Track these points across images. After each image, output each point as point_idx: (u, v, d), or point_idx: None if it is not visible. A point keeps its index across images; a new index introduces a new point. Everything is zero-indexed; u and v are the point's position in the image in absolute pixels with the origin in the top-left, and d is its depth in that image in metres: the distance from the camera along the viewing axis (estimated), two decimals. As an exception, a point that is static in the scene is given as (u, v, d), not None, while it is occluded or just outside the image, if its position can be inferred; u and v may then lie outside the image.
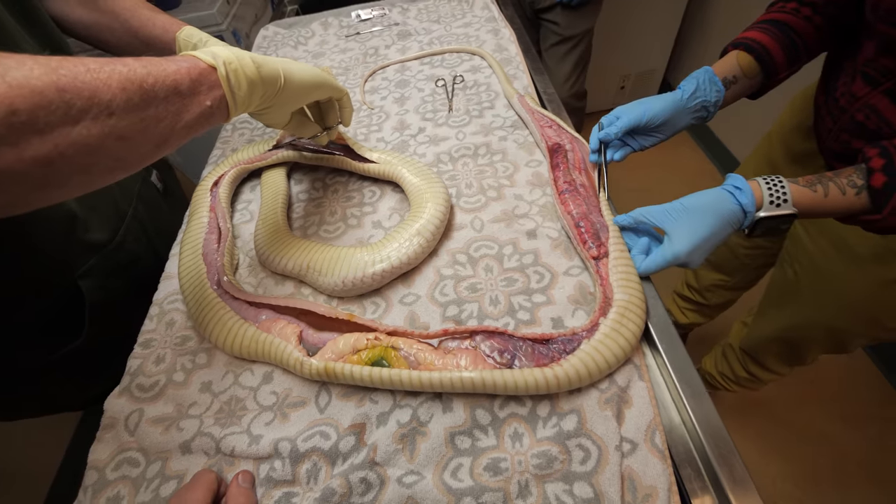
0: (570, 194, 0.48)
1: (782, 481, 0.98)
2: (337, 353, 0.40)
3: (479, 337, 0.39)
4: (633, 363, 0.37)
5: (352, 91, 0.74)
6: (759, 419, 1.07)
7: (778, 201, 0.37)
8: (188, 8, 1.26)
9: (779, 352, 0.71)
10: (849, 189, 0.37)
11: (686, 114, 0.50)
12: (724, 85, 0.50)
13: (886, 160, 0.36)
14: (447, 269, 0.47)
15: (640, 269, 0.40)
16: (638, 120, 0.48)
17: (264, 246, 0.50)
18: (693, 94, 0.49)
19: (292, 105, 0.43)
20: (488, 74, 0.71)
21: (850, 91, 0.45)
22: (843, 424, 1.03)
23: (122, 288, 0.56)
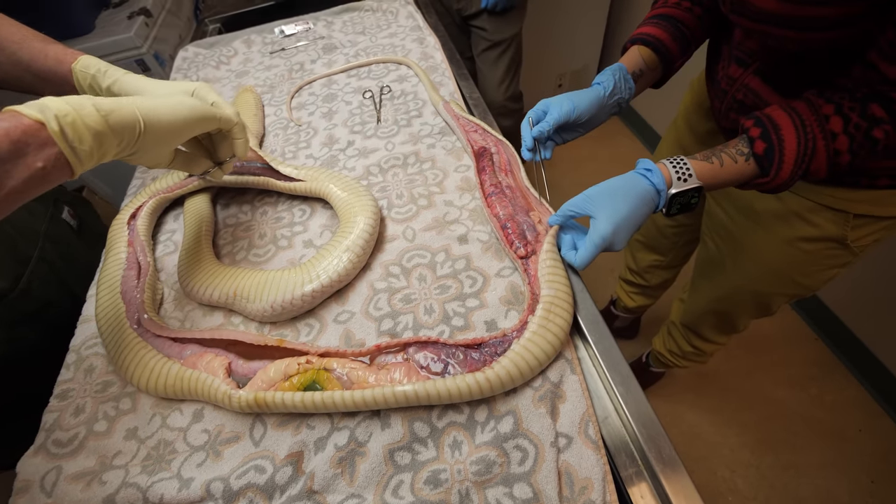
0: (496, 197, 0.48)
1: (739, 449, 1.03)
2: (268, 382, 0.38)
3: (411, 349, 0.38)
4: (565, 357, 0.38)
5: (278, 108, 0.73)
6: (713, 393, 1.12)
7: (684, 176, 0.40)
8: (103, 33, 1.19)
9: (714, 323, 0.75)
10: (738, 157, 0.40)
11: (606, 110, 0.53)
12: (633, 79, 0.53)
13: (762, 129, 0.39)
14: (380, 282, 0.47)
15: (576, 263, 0.40)
16: (568, 115, 0.50)
17: (187, 277, 0.48)
18: (612, 92, 0.51)
19: (166, 146, 0.39)
20: (415, 83, 0.71)
21: (727, 74, 0.49)
22: (787, 388, 1.11)
23: (33, 337, 0.52)
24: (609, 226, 0.39)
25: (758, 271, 0.60)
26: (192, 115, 0.40)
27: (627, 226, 0.39)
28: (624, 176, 0.42)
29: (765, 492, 1.00)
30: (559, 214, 0.43)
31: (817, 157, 0.37)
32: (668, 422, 1.10)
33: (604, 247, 0.39)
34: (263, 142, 0.68)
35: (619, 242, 0.39)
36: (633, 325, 1.23)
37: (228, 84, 0.81)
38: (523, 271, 0.42)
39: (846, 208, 0.47)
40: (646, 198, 0.40)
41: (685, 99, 0.67)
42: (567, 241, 0.42)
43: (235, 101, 0.72)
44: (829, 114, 0.37)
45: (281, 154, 0.65)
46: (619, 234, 0.39)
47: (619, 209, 0.39)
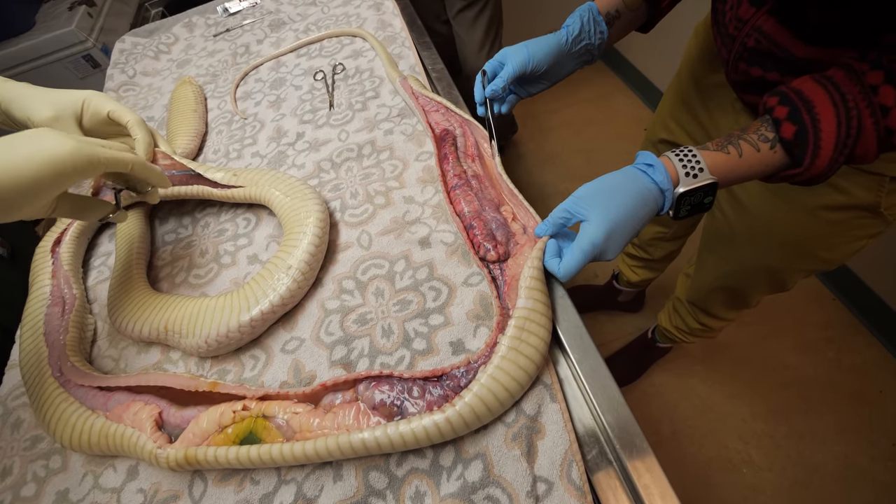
0: (460, 190, 0.41)
1: (752, 420, 0.99)
2: (200, 435, 0.33)
3: (361, 386, 0.32)
4: (543, 382, 0.32)
5: (222, 100, 0.65)
6: (725, 364, 1.07)
7: (693, 171, 0.32)
8: (44, 28, 1.09)
9: (724, 299, 0.69)
10: (762, 144, 0.32)
11: (571, 59, 0.45)
12: (607, 21, 0.45)
13: (790, 107, 0.31)
14: (332, 301, 0.40)
15: (559, 273, 0.34)
16: (523, 67, 0.43)
17: (115, 310, 0.42)
18: (577, 37, 0.44)
19: (27, 207, 0.29)
20: (371, 58, 0.63)
21: (737, 15, 0.41)
22: (802, 353, 1.05)
23: None
24: (601, 230, 0.32)
25: (773, 245, 0.52)
26: (54, 169, 0.29)
27: (623, 231, 0.32)
28: (621, 171, 0.34)
29: (780, 461, 0.96)
30: (549, 223, 0.35)
31: (864, 138, 0.30)
32: (678, 397, 1.06)
33: (594, 255, 0.32)
34: (206, 140, 0.60)
35: (611, 250, 0.32)
36: (637, 298, 1.17)
37: (169, 76, 0.72)
38: (490, 281, 0.36)
39: (881, 170, 0.39)
40: (646, 198, 0.33)
41: (688, 47, 0.57)
42: (550, 247, 0.35)
43: (173, 96, 0.64)
44: (878, 83, 0.29)
45: (225, 154, 0.57)
46: (612, 241, 0.32)
47: (614, 211, 0.32)
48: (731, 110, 0.51)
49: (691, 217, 0.77)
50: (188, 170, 0.49)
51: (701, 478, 0.96)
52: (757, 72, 0.40)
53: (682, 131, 0.60)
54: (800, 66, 0.37)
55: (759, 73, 0.40)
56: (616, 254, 0.34)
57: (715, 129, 0.53)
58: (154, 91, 0.70)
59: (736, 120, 0.50)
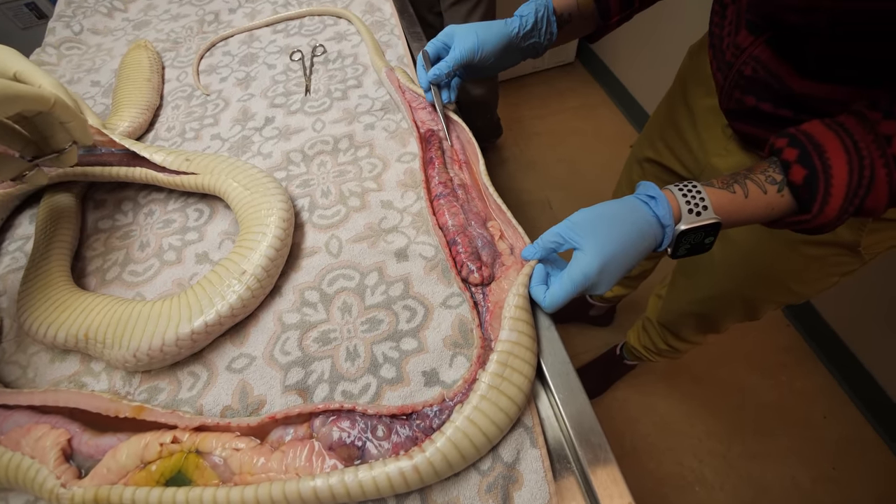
0: (445, 199, 0.37)
1: (707, 439, 1.01)
2: (117, 471, 0.28)
3: (317, 421, 0.28)
4: (524, 424, 0.29)
5: (182, 71, 0.58)
6: (685, 382, 1.09)
7: (697, 208, 0.30)
8: (-21, -33, 0.96)
9: (694, 324, 0.69)
10: (769, 186, 0.30)
11: (517, 52, 0.44)
12: (559, 22, 0.44)
13: (800, 150, 0.29)
14: (292, 314, 0.36)
15: (544, 303, 0.31)
16: (471, 55, 0.41)
17: (26, 309, 0.36)
18: (528, 32, 0.43)
19: None
20: (356, 43, 0.57)
21: (735, 42, 0.39)
22: (759, 375, 1.08)
23: None
24: (596, 262, 0.29)
25: (749, 275, 0.52)
26: None
27: (618, 265, 0.29)
28: (621, 201, 0.32)
29: (732, 481, 0.98)
30: (538, 247, 0.32)
31: (876, 189, 0.28)
32: (640, 413, 1.07)
33: (584, 287, 0.29)
34: (160, 115, 0.53)
35: (603, 284, 0.30)
36: (608, 312, 1.17)
37: (123, 38, 0.64)
38: (472, 307, 0.32)
39: None
40: (645, 232, 0.30)
41: (682, 68, 0.56)
42: (537, 273, 0.32)
43: (124, 61, 0.56)
44: (892, 133, 0.27)
45: (181, 133, 0.51)
46: (606, 274, 0.29)
47: (611, 243, 0.29)
48: (720, 136, 0.49)
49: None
50: (128, 149, 0.42)
51: (658, 494, 0.98)
52: (751, 101, 0.39)
53: (669, 152, 0.59)
54: (796, 100, 0.36)
55: (753, 103, 0.39)
56: (607, 289, 0.31)
57: (703, 153, 0.52)
58: (103, 52, 0.62)
59: (725, 146, 0.49)
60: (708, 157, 0.50)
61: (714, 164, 0.49)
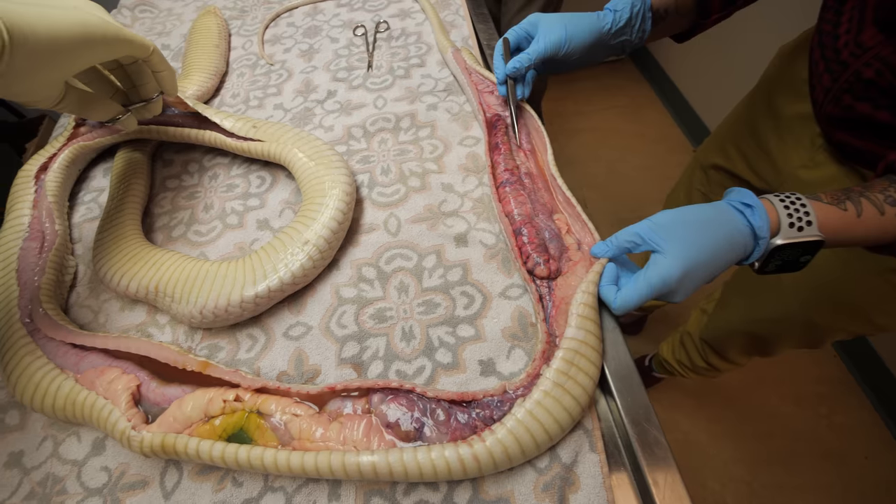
0: (511, 187, 0.36)
1: (733, 464, 0.98)
2: (182, 421, 0.29)
3: (376, 397, 0.28)
4: (584, 427, 0.28)
5: (247, 40, 0.58)
6: (714, 402, 1.05)
7: (800, 223, 0.28)
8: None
9: (744, 345, 0.66)
10: (888, 208, 0.28)
11: (604, 49, 0.41)
12: (654, 19, 0.41)
13: None
14: (349, 288, 0.36)
15: (614, 304, 0.30)
16: (557, 48, 0.39)
17: (102, 259, 0.37)
18: (621, 28, 0.40)
19: (50, 73, 0.28)
20: (420, 21, 0.56)
21: (857, 40, 0.36)
22: (794, 404, 1.03)
23: None
24: (678, 268, 0.27)
25: (823, 300, 0.48)
26: (84, 32, 0.28)
27: (701, 274, 0.28)
28: (712, 206, 0.30)
29: (755, 509, 0.95)
30: (611, 244, 0.31)
31: None
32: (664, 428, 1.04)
33: (661, 292, 0.28)
34: (225, 82, 0.54)
35: (682, 293, 0.28)
36: (639, 321, 1.14)
37: (192, 3, 0.65)
38: (537, 300, 0.31)
39: None
40: (735, 242, 0.28)
41: (770, 70, 0.52)
42: (608, 272, 0.31)
43: (194, 26, 0.57)
44: None
45: (245, 100, 0.51)
46: (686, 283, 0.28)
47: (697, 249, 0.27)
48: (808, 146, 0.46)
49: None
50: (198, 113, 0.43)
51: (675, 511, 0.95)
52: (864, 108, 0.36)
53: (742, 160, 0.56)
54: None
55: (867, 111, 0.36)
56: (685, 298, 0.29)
57: (785, 163, 0.49)
58: (174, 17, 0.63)
59: (812, 157, 0.46)
60: (791, 169, 0.47)
61: (799, 175, 0.46)
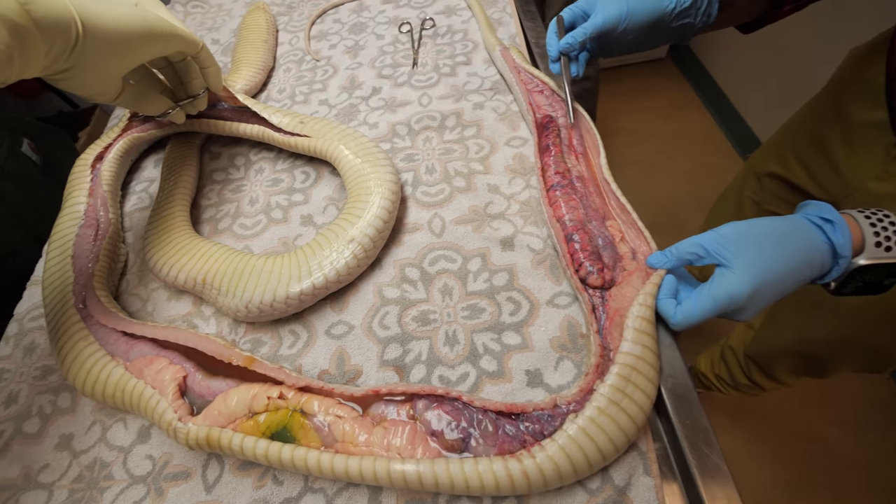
0: (562, 191, 0.35)
1: (773, 487, 0.93)
2: (227, 415, 0.29)
3: (420, 403, 0.27)
4: (639, 449, 0.27)
5: (294, 35, 0.59)
6: (751, 420, 1.00)
7: (888, 242, 0.25)
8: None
9: (795, 365, 0.62)
10: None
11: (661, 34, 0.38)
12: (721, 3, 0.38)
13: None
14: (392, 288, 0.35)
15: (673, 320, 0.28)
16: (616, 23, 0.36)
17: (152, 248, 0.38)
18: (685, 10, 0.37)
19: (113, 67, 0.30)
20: (466, 18, 0.55)
21: None
22: (841, 428, 0.97)
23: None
24: (748, 285, 0.25)
25: (891, 322, 0.45)
26: (145, 27, 0.30)
27: (772, 292, 0.26)
28: (785, 219, 0.28)
29: (792, 536, 0.90)
30: (670, 255, 0.29)
31: None
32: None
33: (727, 309, 0.26)
34: (272, 77, 0.55)
35: (750, 311, 0.26)
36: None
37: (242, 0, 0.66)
38: (590, 311, 0.30)
39: None
40: (812, 259, 0.26)
41: (840, 73, 0.49)
42: (667, 284, 0.29)
43: (244, 22, 0.58)
44: None
45: (291, 95, 0.52)
46: (755, 301, 0.26)
47: (770, 265, 0.25)
48: (881, 157, 0.43)
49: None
50: (247, 107, 0.43)
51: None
52: None
53: (803, 169, 0.52)
54: None
55: None
56: (751, 317, 0.27)
57: (854, 174, 0.45)
58: (224, 13, 0.64)
59: (885, 168, 0.42)
60: (860, 180, 0.43)
61: (869, 188, 0.42)
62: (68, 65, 0.27)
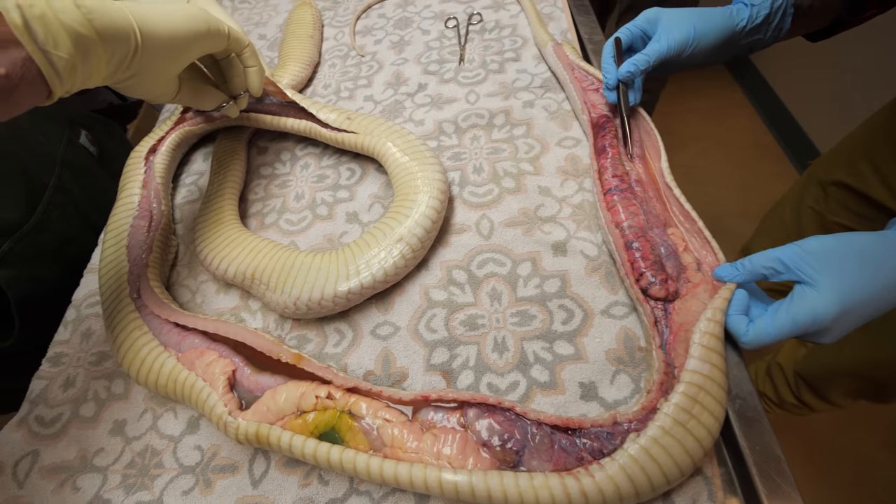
0: (620, 195, 0.33)
1: (816, 509, 0.88)
2: (275, 412, 0.29)
3: (472, 412, 0.27)
4: (703, 474, 0.25)
5: (339, 31, 0.59)
6: (792, 440, 0.95)
7: None
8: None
9: (853, 387, 0.58)
10: None
11: (730, 50, 0.36)
12: (796, 14, 0.35)
13: None
14: (439, 291, 0.34)
15: (744, 339, 0.26)
16: (681, 48, 0.34)
17: (202, 241, 0.38)
18: (758, 26, 0.35)
19: (169, 69, 0.30)
20: (515, 13, 0.54)
21: None
22: (891, 451, 0.91)
23: (55, 277, 0.46)
24: (835, 305, 0.23)
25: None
26: (194, 26, 0.30)
27: (862, 313, 0.24)
28: (878, 235, 0.25)
29: (836, 564, 0.85)
30: (743, 268, 0.27)
31: None
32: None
33: (808, 331, 0.24)
34: (317, 72, 0.55)
35: (834, 333, 0.24)
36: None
37: (287, -6, 0.67)
38: (652, 324, 0.28)
39: None
40: None
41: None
42: (738, 300, 0.27)
43: (290, 17, 0.58)
44: None
45: (336, 91, 0.52)
46: (843, 324, 0.24)
47: (861, 285, 0.23)
48: None
49: None
50: (294, 102, 0.43)
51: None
52: None
53: (878, 178, 0.48)
54: None
55: None
56: (835, 340, 0.25)
57: None
58: (270, 8, 0.65)
59: None
60: None
61: None
62: (129, 73, 0.28)
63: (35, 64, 0.22)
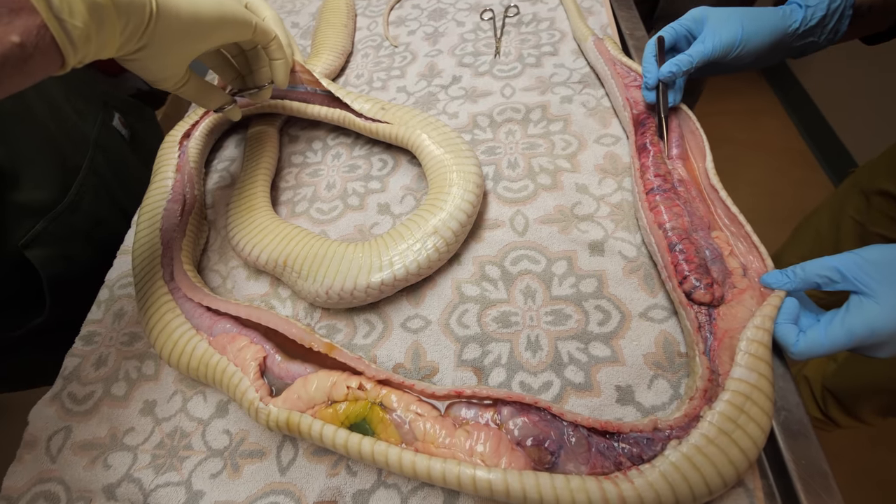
0: (663, 196, 0.32)
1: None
2: (306, 400, 0.29)
3: (506, 410, 0.26)
4: (745, 486, 0.24)
5: (373, 21, 0.58)
6: (817, 452, 0.92)
7: None
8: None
9: (883, 405, 0.56)
10: None
11: (780, 53, 0.35)
12: (854, 16, 0.33)
13: None
14: (471, 286, 0.34)
15: (794, 349, 0.25)
16: (727, 50, 0.33)
17: (235, 227, 0.39)
18: (812, 28, 0.33)
19: (183, 50, 0.29)
20: (553, 6, 0.53)
21: None
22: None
23: (87, 257, 0.46)
24: (893, 318, 0.22)
25: None
26: (218, 11, 0.30)
27: None
28: None
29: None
30: (793, 276, 0.26)
31: None
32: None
33: (866, 344, 0.23)
34: (350, 62, 0.54)
35: (889, 349, 0.23)
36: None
37: (319, -17, 0.67)
38: (695, 329, 0.27)
39: None
40: None
41: None
42: (788, 308, 0.26)
43: (324, 5, 0.58)
44: None
45: (368, 81, 0.51)
46: None
47: None
48: None
49: None
50: (328, 91, 0.43)
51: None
52: None
53: None
54: None
55: None
56: (892, 355, 0.24)
57: None
58: (303, -5, 0.65)
59: None
60: None
61: None
62: (140, 44, 0.27)
63: (49, 32, 0.22)
